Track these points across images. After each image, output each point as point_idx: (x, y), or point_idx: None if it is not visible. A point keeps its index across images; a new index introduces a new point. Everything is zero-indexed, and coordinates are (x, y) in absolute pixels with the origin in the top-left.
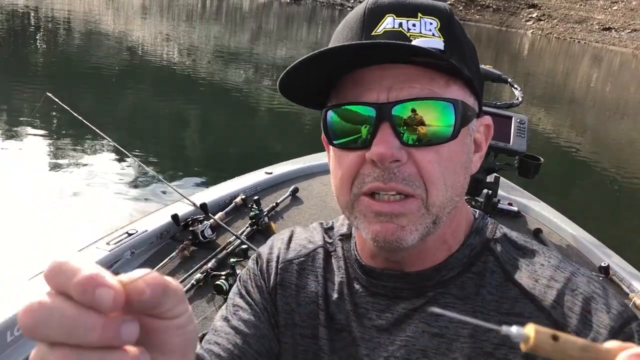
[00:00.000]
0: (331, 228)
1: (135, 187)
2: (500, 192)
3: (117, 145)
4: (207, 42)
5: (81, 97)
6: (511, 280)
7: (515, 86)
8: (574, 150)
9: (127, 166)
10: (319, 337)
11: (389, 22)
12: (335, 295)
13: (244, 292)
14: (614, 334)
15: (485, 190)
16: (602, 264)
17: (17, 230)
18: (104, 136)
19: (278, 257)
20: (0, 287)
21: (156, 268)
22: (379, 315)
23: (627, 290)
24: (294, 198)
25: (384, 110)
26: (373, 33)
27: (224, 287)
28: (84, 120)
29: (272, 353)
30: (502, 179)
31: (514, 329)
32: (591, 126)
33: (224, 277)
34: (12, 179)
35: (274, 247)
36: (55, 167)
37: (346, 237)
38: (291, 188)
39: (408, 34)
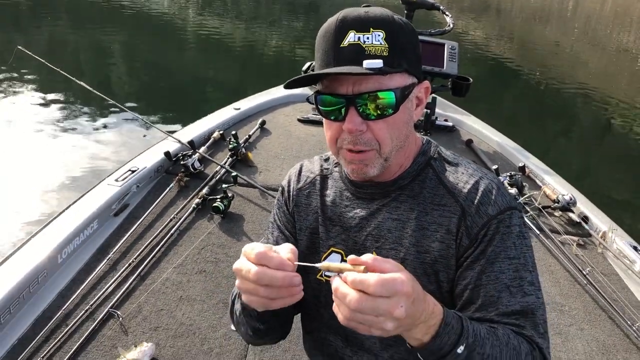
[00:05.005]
0: (328, 158)
1: (116, 129)
2: (437, 110)
3: (92, 89)
4: None
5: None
6: (441, 184)
7: (447, 13)
8: (502, 60)
9: (102, 109)
10: (319, 232)
11: (351, 37)
12: (330, 204)
13: (276, 218)
14: (489, 220)
15: (424, 109)
16: (520, 165)
17: (35, 173)
18: (78, 81)
19: (293, 188)
20: (45, 218)
21: (161, 197)
22: (362, 209)
23: (540, 183)
24: (263, 130)
25: (350, 99)
26: (341, 45)
27: (221, 208)
28: (60, 71)
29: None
30: (438, 98)
31: (318, 265)
32: (518, 35)
33: (219, 200)
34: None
35: (290, 180)
36: (39, 118)
37: (339, 163)
38: (259, 121)
39: (364, 46)
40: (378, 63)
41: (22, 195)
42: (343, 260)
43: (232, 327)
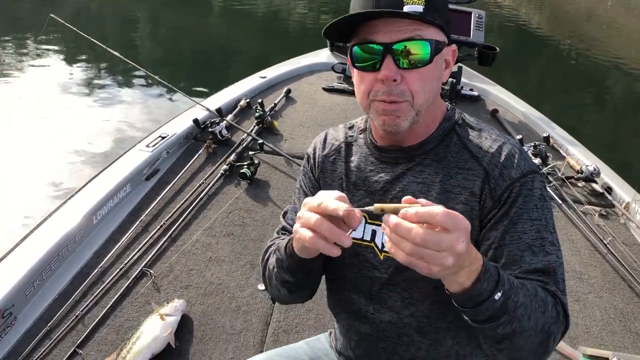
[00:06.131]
0: (352, 126)
1: (145, 96)
2: (463, 79)
3: (124, 58)
4: None
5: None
6: (465, 148)
7: None
8: (531, 28)
9: (130, 76)
10: None
11: None
12: (355, 169)
13: (302, 184)
14: (512, 183)
15: (450, 79)
16: (545, 135)
17: (67, 140)
18: (110, 50)
19: (318, 155)
20: (79, 182)
21: (190, 163)
22: (387, 173)
23: (564, 154)
24: (288, 98)
25: (388, 47)
26: None
27: (248, 174)
28: (92, 39)
29: None
30: (464, 67)
31: (371, 207)
32: (549, 2)
33: (246, 166)
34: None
35: (315, 148)
36: (70, 85)
37: (364, 130)
38: (285, 89)
39: None
40: (419, 7)
41: (56, 160)
42: (367, 222)
43: (260, 287)
